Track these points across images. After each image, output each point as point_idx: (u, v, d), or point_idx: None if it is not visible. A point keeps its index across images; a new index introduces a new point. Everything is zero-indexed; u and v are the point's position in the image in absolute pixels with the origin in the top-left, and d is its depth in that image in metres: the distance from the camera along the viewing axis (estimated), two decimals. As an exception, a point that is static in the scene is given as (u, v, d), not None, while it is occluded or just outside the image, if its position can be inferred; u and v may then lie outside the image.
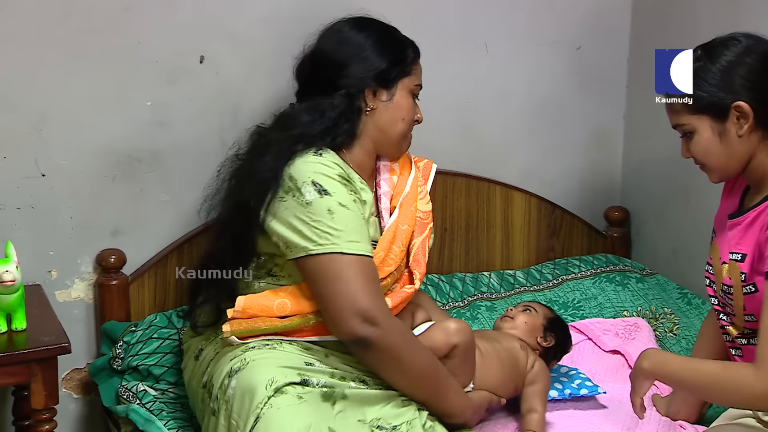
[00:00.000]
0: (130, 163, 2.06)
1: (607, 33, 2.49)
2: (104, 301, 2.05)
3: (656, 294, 2.33)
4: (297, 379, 1.52)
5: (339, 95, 1.67)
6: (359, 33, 1.72)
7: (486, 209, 2.39)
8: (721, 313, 1.65)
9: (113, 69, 2.01)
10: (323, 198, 1.58)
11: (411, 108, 1.74)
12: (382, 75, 1.70)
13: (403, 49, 1.74)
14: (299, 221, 1.58)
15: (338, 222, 1.57)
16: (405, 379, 1.62)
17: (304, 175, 1.60)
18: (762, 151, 1.54)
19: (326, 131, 1.66)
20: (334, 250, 1.56)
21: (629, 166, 2.58)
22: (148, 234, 2.10)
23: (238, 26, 2.11)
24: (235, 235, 1.66)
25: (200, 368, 1.67)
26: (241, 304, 1.61)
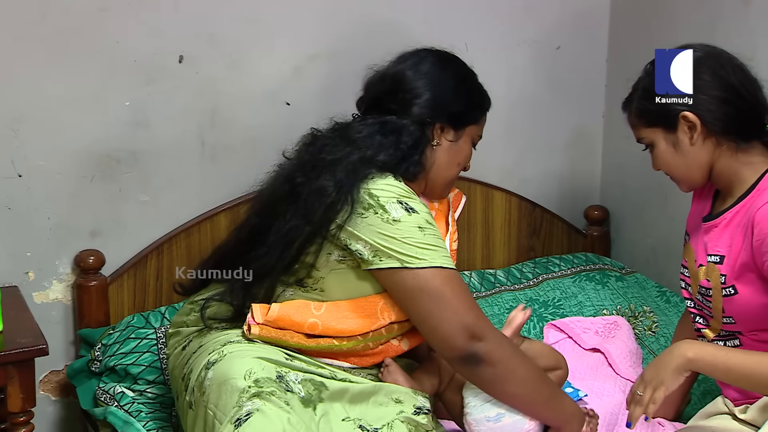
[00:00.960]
0: (109, 164, 2.05)
1: (585, 33, 2.50)
2: (83, 303, 2.04)
3: (635, 292, 2.34)
4: (274, 374, 1.49)
5: (413, 121, 1.64)
6: (446, 68, 1.70)
7: (466, 209, 2.39)
8: (697, 316, 1.66)
9: (91, 69, 2.00)
10: (411, 216, 1.55)
11: (468, 156, 1.73)
12: (457, 116, 1.68)
13: (481, 98, 1.74)
14: (385, 238, 1.54)
15: (430, 238, 1.55)
16: (521, 390, 1.57)
17: (388, 194, 1.56)
18: (721, 156, 1.56)
19: (402, 160, 1.63)
20: (434, 264, 1.53)
21: (608, 165, 2.59)
22: (127, 235, 2.09)
23: (217, 26, 2.10)
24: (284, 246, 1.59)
25: (183, 359, 1.65)
26: (275, 314, 1.56)
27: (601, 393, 1.96)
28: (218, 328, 1.62)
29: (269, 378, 1.48)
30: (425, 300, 1.54)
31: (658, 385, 1.50)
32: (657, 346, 2.18)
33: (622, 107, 1.67)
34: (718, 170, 1.58)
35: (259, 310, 1.58)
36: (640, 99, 1.61)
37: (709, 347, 1.52)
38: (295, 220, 1.59)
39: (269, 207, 1.64)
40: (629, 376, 2.03)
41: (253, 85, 2.16)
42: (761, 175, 1.54)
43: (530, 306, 2.27)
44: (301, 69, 2.19)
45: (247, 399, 1.44)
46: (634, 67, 1.68)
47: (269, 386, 1.46)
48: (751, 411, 1.57)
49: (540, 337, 2.20)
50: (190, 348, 1.64)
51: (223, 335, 1.60)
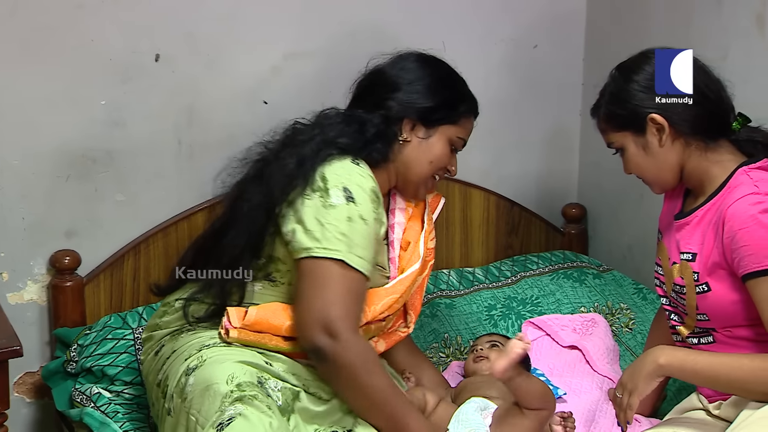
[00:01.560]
0: (84, 163, 2.04)
1: (562, 32, 2.51)
2: (58, 303, 2.02)
3: (612, 290, 2.36)
4: (254, 379, 1.50)
5: (379, 114, 1.66)
6: (423, 68, 1.71)
7: (445, 207, 2.38)
8: (672, 314, 1.68)
9: (66, 67, 1.98)
10: (348, 205, 1.55)
11: (443, 155, 1.71)
12: (426, 112, 1.68)
13: (458, 99, 1.72)
14: (315, 222, 1.54)
15: (352, 231, 1.54)
16: (359, 401, 1.56)
17: (338, 178, 1.57)
18: (691, 156, 1.58)
19: (363, 145, 1.64)
20: (336, 257, 1.52)
21: (585, 163, 2.61)
22: (103, 234, 2.08)
23: (193, 24, 2.09)
24: (249, 225, 1.60)
25: (157, 365, 1.64)
26: (252, 318, 1.56)
27: (578, 390, 1.98)
28: (195, 330, 1.62)
29: (251, 382, 1.48)
30: (308, 283, 1.53)
31: (632, 390, 1.55)
32: (634, 342, 2.20)
33: (591, 113, 1.69)
34: (688, 170, 1.60)
35: (235, 313, 1.58)
36: (607, 104, 1.63)
37: (680, 352, 1.56)
38: (257, 199, 1.60)
39: (237, 191, 1.65)
40: (606, 373, 2.04)
41: (231, 84, 2.14)
42: (731, 173, 1.55)
43: (508, 303, 2.29)
44: (278, 68, 2.19)
45: (229, 403, 1.43)
46: (610, 66, 1.69)
47: (251, 390, 1.46)
48: (725, 407, 1.59)
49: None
50: (163, 353, 1.63)
51: (196, 339, 1.59)
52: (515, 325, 2.24)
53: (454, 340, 2.17)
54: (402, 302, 1.72)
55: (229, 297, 1.62)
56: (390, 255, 1.74)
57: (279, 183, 1.59)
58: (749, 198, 1.49)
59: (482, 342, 1.97)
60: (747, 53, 2.00)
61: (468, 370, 1.93)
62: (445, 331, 2.19)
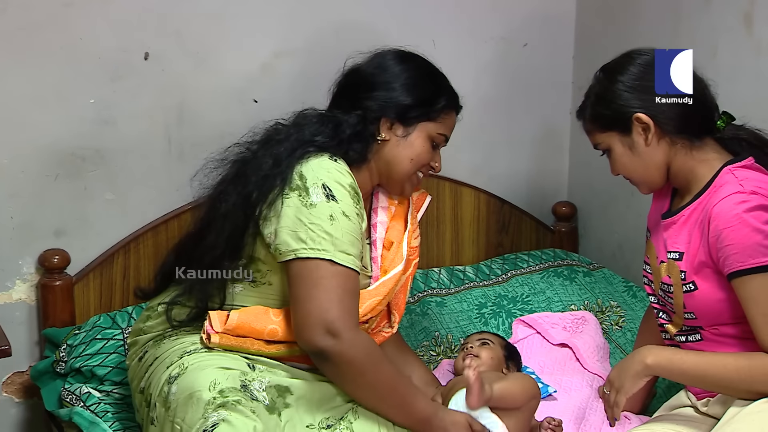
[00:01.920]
0: (74, 162, 2.03)
1: (552, 30, 2.52)
2: (47, 303, 2.01)
3: (603, 288, 2.37)
4: (238, 383, 1.49)
5: (355, 115, 1.65)
6: (399, 64, 1.70)
7: (435, 205, 2.40)
8: (660, 312, 1.69)
9: (54, 66, 1.97)
10: (329, 203, 1.55)
11: (424, 153, 1.70)
12: (403, 110, 1.66)
13: (435, 95, 1.70)
14: (298, 222, 1.54)
15: (336, 229, 1.54)
16: (368, 394, 1.57)
17: (316, 176, 1.56)
18: (677, 155, 1.59)
19: (339, 144, 1.63)
20: (323, 257, 1.52)
21: (576, 162, 2.61)
22: (92, 233, 2.07)
23: (183, 23, 2.08)
24: (228, 226, 1.60)
25: (140, 372, 1.64)
26: (234, 322, 1.56)
27: (569, 388, 1.98)
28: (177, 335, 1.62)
29: (234, 387, 1.47)
30: (301, 286, 1.53)
31: (619, 389, 1.58)
32: (624, 340, 2.21)
33: (577, 115, 1.69)
34: (675, 169, 1.60)
35: (217, 318, 1.57)
36: (593, 105, 1.64)
37: (667, 352, 1.58)
38: (235, 199, 1.60)
39: (216, 192, 1.65)
40: (597, 371, 2.05)
41: (220, 83, 2.14)
42: (716, 172, 1.56)
43: (499, 301, 2.30)
44: (268, 66, 2.18)
45: (212, 410, 1.43)
46: (600, 64, 1.69)
47: (234, 395, 1.46)
48: (712, 404, 1.59)
49: (509, 333, 2.21)
50: (146, 360, 1.63)
51: (177, 345, 1.59)
52: (506, 323, 2.24)
53: (445, 339, 2.17)
54: (385, 303, 1.71)
55: (210, 299, 1.61)
56: (372, 254, 1.74)
57: (256, 183, 1.59)
58: (734, 197, 1.50)
59: (472, 340, 1.97)
60: (735, 52, 2.01)
61: (458, 367, 1.93)
62: (436, 330, 2.19)
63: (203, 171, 1.67)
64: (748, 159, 1.56)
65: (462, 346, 1.98)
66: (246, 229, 1.59)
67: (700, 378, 1.54)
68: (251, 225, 1.58)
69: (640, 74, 1.59)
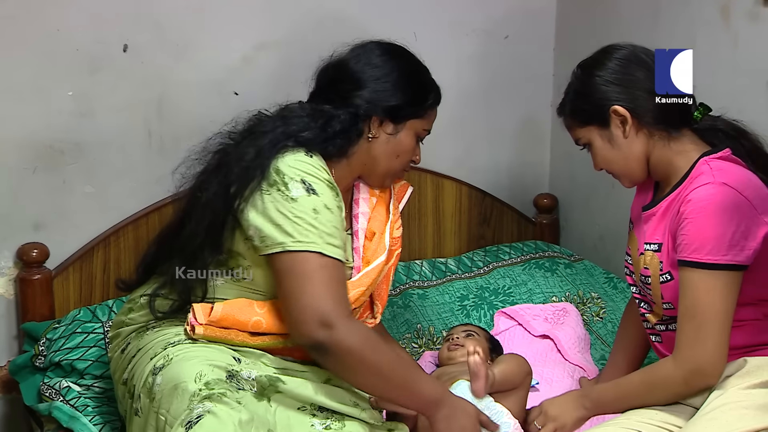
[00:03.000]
0: (52, 155, 2.01)
1: (533, 22, 2.52)
2: (26, 297, 2.00)
3: (584, 279, 2.38)
4: (224, 374, 1.48)
5: (347, 111, 1.64)
6: (389, 61, 1.69)
7: (417, 198, 2.41)
8: (641, 302, 1.70)
9: (30, 57, 1.95)
10: (310, 197, 1.55)
11: (411, 149, 1.72)
12: (395, 109, 1.66)
13: (425, 93, 1.71)
14: (281, 216, 1.54)
15: (320, 222, 1.54)
16: (370, 380, 1.56)
17: (293, 171, 1.56)
18: (655, 147, 1.61)
19: (323, 140, 1.63)
20: (312, 249, 1.52)
21: (557, 154, 2.62)
22: (72, 227, 2.05)
23: (162, 14, 2.06)
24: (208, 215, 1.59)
25: (123, 363, 1.63)
26: (218, 314, 1.56)
27: (550, 379, 1.99)
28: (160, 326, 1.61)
29: (220, 379, 1.47)
30: (291, 280, 1.52)
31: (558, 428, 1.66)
32: (605, 331, 2.22)
33: (557, 112, 1.71)
34: (654, 161, 1.62)
35: (201, 309, 1.57)
36: (572, 101, 1.66)
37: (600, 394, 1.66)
38: (215, 190, 1.59)
39: (197, 182, 1.64)
40: (578, 362, 2.06)
41: (201, 75, 2.13)
42: (693, 163, 1.57)
43: (481, 293, 2.31)
44: (249, 59, 2.17)
45: (198, 401, 1.43)
46: (581, 57, 1.70)
47: (220, 387, 1.45)
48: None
49: (491, 325, 2.22)
50: (128, 351, 1.62)
51: (161, 336, 1.58)
52: (487, 315, 2.25)
53: (427, 331, 2.18)
54: (368, 294, 1.72)
55: (192, 292, 1.61)
56: (354, 245, 1.74)
57: (236, 175, 1.58)
58: (705, 188, 1.51)
59: (457, 331, 1.98)
60: (713, 44, 2.02)
61: (442, 358, 1.94)
62: (418, 322, 2.19)
63: (185, 163, 1.66)
64: (725, 150, 1.58)
65: (446, 337, 1.99)
66: (225, 222, 1.58)
67: (627, 402, 1.61)
68: (230, 218, 1.58)
69: (617, 68, 1.60)
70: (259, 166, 1.57)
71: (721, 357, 1.50)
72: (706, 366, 1.50)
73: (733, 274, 1.49)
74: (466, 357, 1.81)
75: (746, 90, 1.93)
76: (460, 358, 1.87)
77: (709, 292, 1.48)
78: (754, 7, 1.94)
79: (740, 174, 1.53)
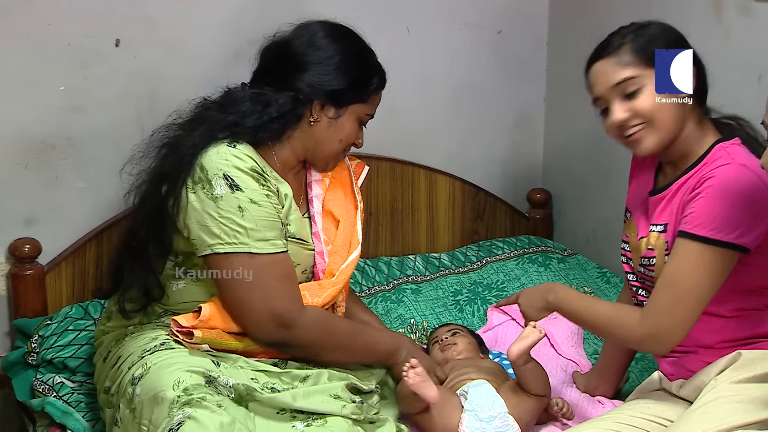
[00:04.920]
0: (44, 150, 2.01)
1: (526, 17, 2.52)
2: (18, 292, 1.99)
3: (577, 274, 2.38)
4: (203, 380, 1.48)
5: (288, 95, 1.63)
6: (333, 43, 1.67)
7: (410, 193, 2.41)
8: (639, 289, 1.69)
9: (22, 52, 1.94)
10: (234, 193, 1.54)
11: (353, 133, 1.71)
12: (337, 94, 1.65)
13: (368, 76, 1.69)
14: (207, 216, 1.54)
15: (248, 220, 1.54)
16: (335, 356, 1.66)
17: (215, 167, 1.55)
18: (690, 122, 1.57)
19: (259, 126, 1.61)
20: (242, 250, 1.53)
21: (550, 148, 2.63)
22: (64, 222, 2.05)
23: (153, 9, 2.06)
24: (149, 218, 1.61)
25: (104, 371, 1.64)
26: (206, 314, 1.57)
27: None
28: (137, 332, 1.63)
29: (198, 384, 1.47)
30: (233, 285, 1.54)
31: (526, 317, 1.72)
32: (597, 325, 2.23)
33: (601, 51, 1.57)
34: (683, 136, 1.56)
35: (184, 319, 1.58)
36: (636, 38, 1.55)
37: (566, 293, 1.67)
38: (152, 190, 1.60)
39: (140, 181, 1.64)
40: (571, 356, 2.07)
41: (193, 70, 2.12)
42: (708, 149, 1.55)
43: (474, 288, 2.31)
44: (241, 53, 2.16)
45: (178, 408, 1.43)
46: (573, 51, 1.71)
47: (199, 392, 1.46)
48: (685, 387, 1.61)
49: (484, 320, 2.22)
50: (110, 360, 1.64)
51: (138, 342, 1.59)
52: (481, 310, 2.25)
53: (420, 325, 2.18)
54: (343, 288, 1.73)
55: (151, 296, 1.62)
56: (313, 230, 1.73)
57: (168, 172, 1.58)
58: (725, 168, 1.49)
59: (442, 333, 1.97)
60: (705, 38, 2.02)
61: (437, 360, 1.91)
62: (411, 317, 2.20)
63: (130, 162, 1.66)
64: (736, 138, 1.56)
65: (432, 339, 1.98)
66: (165, 222, 1.58)
67: (581, 319, 1.64)
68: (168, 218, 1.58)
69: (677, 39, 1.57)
70: (187, 162, 1.56)
71: (684, 331, 1.50)
72: (667, 335, 1.50)
73: (729, 254, 1.47)
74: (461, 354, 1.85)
75: (738, 84, 1.93)
76: (456, 355, 1.88)
77: (698, 267, 1.47)
78: (746, 1, 1.95)
79: (755, 160, 1.51)
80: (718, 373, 1.53)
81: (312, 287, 1.68)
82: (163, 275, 1.65)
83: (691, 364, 1.59)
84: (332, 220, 1.76)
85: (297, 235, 1.68)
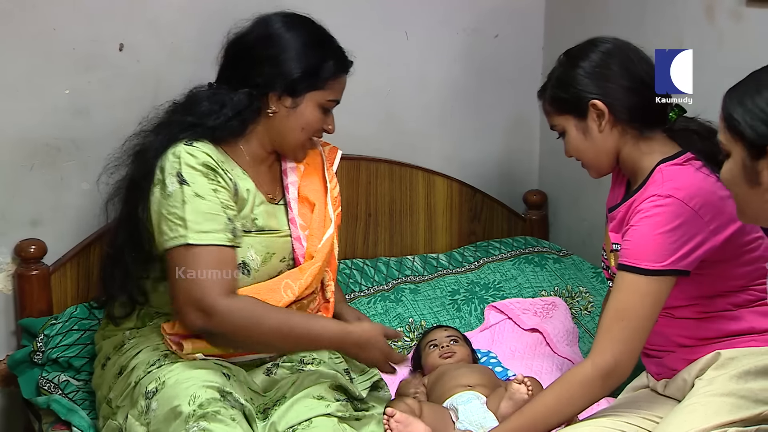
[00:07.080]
0: (49, 152, 2.03)
1: (523, 21, 2.55)
2: (24, 293, 2.01)
3: (572, 274, 2.41)
4: (217, 393, 1.52)
5: (243, 92, 1.64)
6: (287, 32, 1.67)
7: (409, 194, 2.43)
8: None
9: (27, 56, 1.97)
10: (181, 188, 1.57)
11: (315, 120, 1.70)
12: (291, 84, 1.65)
13: (322, 62, 1.67)
14: (159, 214, 1.58)
15: (189, 212, 1.55)
16: (267, 345, 1.63)
17: (171, 166, 1.59)
18: (626, 144, 1.62)
19: (215, 128, 1.63)
20: (179, 243, 1.55)
21: (546, 151, 2.65)
22: (69, 223, 2.07)
23: (158, 13, 2.09)
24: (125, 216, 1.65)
25: (105, 380, 1.67)
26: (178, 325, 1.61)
27: (539, 371, 2.03)
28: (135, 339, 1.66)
29: (213, 398, 1.50)
30: (170, 276, 1.57)
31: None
32: (593, 324, 2.25)
33: (538, 95, 1.72)
34: (622, 158, 1.63)
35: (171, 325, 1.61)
36: (553, 87, 1.66)
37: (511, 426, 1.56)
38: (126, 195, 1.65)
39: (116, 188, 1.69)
40: (566, 355, 2.10)
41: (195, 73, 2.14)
42: (653, 168, 1.58)
43: (471, 288, 2.34)
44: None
45: (193, 422, 1.46)
46: (569, 55, 1.73)
47: (213, 406, 1.48)
48: (670, 387, 1.63)
49: (481, 319, 2.25)
50: (109, 369, 1.67)
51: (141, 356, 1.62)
52: (478, 309, 2.28)
53: (419, 325, 2.21)
54: (324, 267, 1.75)
55: (136, 301, 1.66)
56: (290, 216, 1.75)
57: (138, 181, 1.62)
58: (650, 200, 1.53)
59: (440, 337, 2.00)
60: (698, 43, 2.05)
61: (434, 365, 1.95)
62: (410, 316, 2.22)
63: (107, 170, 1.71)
64: (686, 155, 1.58)
65: (429, 342, 2.00)
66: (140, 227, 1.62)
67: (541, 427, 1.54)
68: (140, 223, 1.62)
69: (601, 61, 1.61)
70: (151, 167, 1.60)
71: (635, 360, 1.52)
72: (623, 367, 1.50)
73: (669, 279, 1.50)
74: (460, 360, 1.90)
75: (730, 89, 1.96)
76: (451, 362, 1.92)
77: (644, 297, 1.50)
78: (738, 6, 1.97)
79: (691, 182, 1.53)
80: (698, 372, 1.56)
81: (293, 273, 1.70)
82: (151, 278, 1.68)
83: (673, 362, 1.62)
84: (308, 205, 1.77)
85: (266, 227, 1.70)
